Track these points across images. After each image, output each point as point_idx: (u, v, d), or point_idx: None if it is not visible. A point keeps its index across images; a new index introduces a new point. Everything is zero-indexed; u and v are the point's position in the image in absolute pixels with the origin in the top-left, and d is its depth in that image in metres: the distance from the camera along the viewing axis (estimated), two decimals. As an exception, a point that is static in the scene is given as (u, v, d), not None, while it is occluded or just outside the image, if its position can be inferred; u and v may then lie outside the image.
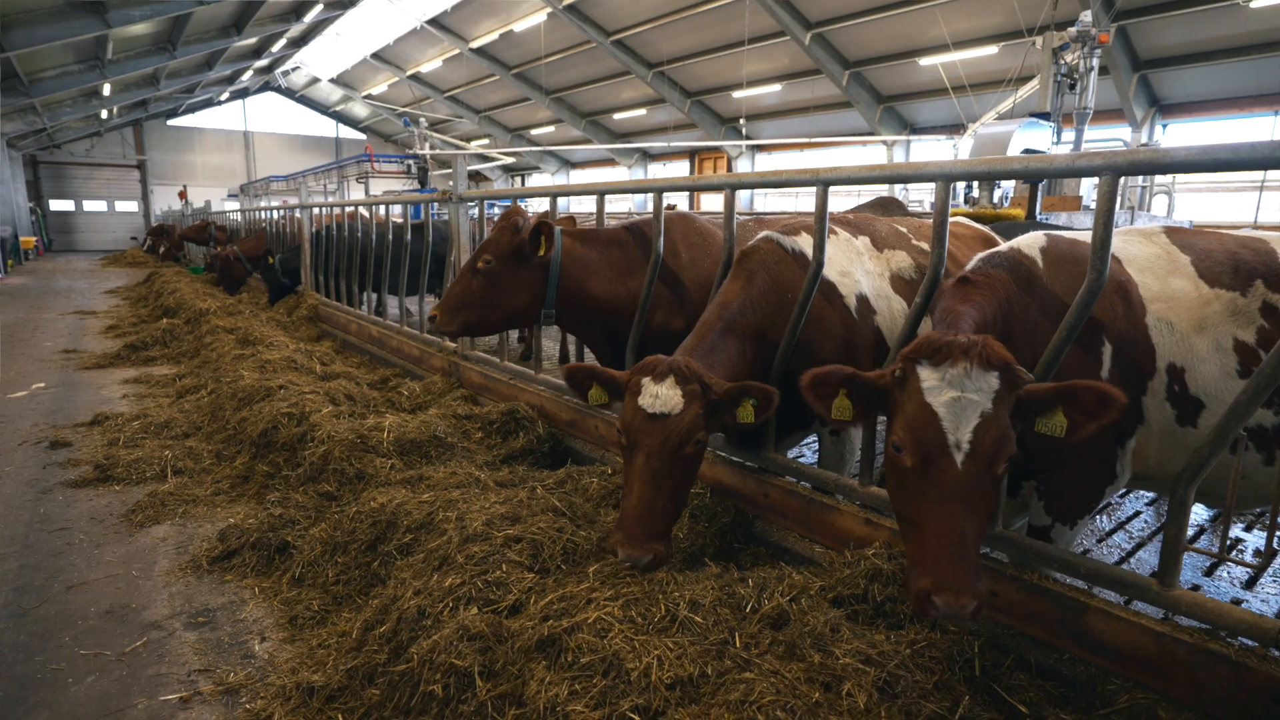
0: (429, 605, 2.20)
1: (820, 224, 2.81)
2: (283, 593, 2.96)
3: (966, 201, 10.17)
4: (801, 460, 3.62)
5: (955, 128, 20.13)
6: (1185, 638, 1.92)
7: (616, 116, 32.15)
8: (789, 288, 3.05)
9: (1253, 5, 13.54)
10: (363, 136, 45.80)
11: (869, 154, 25.61)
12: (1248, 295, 2.33)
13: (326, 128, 45.78)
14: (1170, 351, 2.30)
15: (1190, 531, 4.17)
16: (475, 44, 29.47)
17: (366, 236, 8.32)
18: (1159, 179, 13.26)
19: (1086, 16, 9.87)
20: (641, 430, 2.44)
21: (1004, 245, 2.49)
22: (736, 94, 26.09)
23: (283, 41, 29.72)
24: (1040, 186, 6.98)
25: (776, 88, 24.76)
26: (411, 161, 27.22)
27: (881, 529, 2.65)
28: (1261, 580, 3.56)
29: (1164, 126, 15.26)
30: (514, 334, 8.60)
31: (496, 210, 7.51)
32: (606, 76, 28.75)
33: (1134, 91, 16.30)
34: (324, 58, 36.59)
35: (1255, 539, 4.18)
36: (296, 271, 10.32)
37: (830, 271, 3.11)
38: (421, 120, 27.31)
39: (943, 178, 2.40)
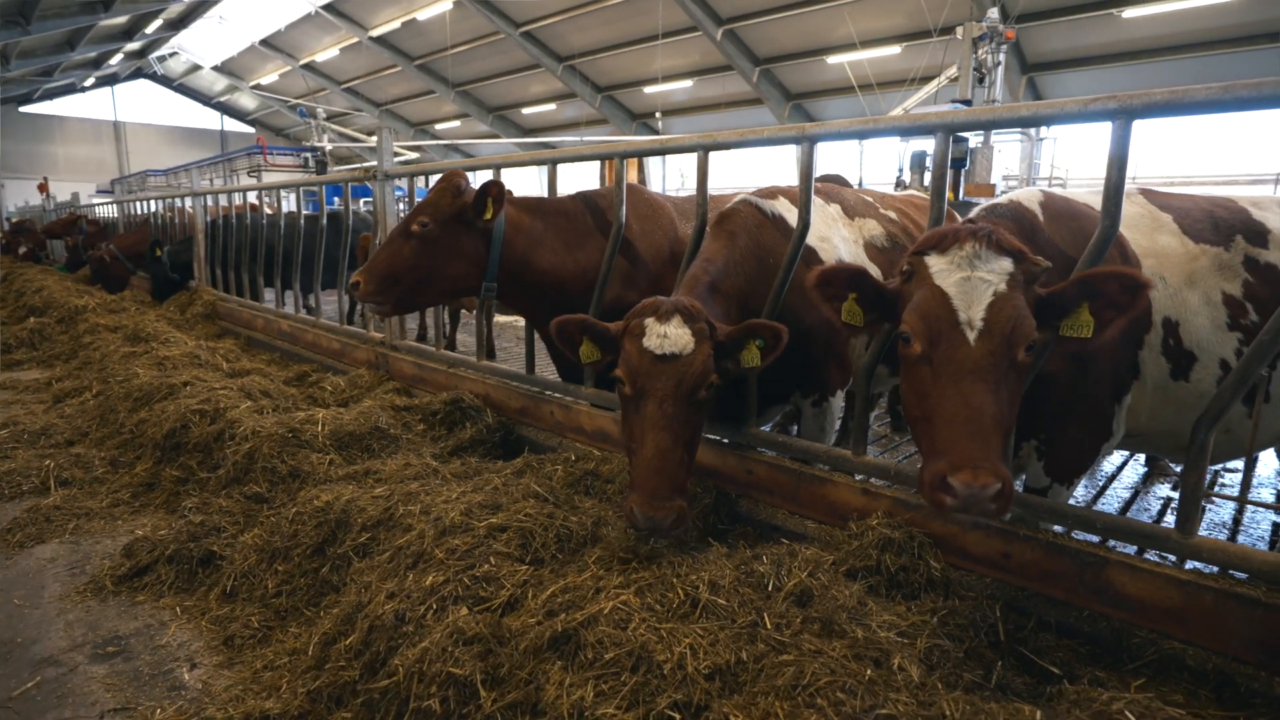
0: (408, 609, 1.90)
1: (806, 183, 2.68)
2: (212, 610, 2.55)
3: (897, 186, 10.49)
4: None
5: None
6: (1212, 584, 1.90)
7: (525, 111, 31.54)
8: (770, 252, 2.91)
9: (1125, 15, 14.78)
10: (251, 130, 42.87)
11: (778, 150, 26.26)
12: (1230, 250, 2.37)
13: (210, 120, 42.59)
14: (1165, 306, 2.30)
15: (1126, 495, 4.36)
16: (375, 32, 28.12)
17: (273, 227, 7.64)
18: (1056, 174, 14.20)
19: (994, 13, 10.46)
20: (650, 374, 2.20)
21: (1003, 198, 2.44)
22: (648, 89, 26.14)
23: (158, 23, 27.29)
24: (963, 173, 7.33)
25: (688, 84, 24.96)
26: (309, 155, 25.61)
27: (881, 498, 2.54)
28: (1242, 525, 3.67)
29: (1048, 125, 16.41)
30: (410, 320, 8.10)
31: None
32: (515, 69, 28.12)
33: (1023, 93, 17.46)
34: (206, 43, 33.98)
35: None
36: (188, 265, 9.39)
37: (811, 237, 2.99)
38: (319, 111, 25.77)
39: (944, 129, 2.32)
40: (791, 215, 3.04)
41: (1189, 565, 2.14)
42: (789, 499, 2.84)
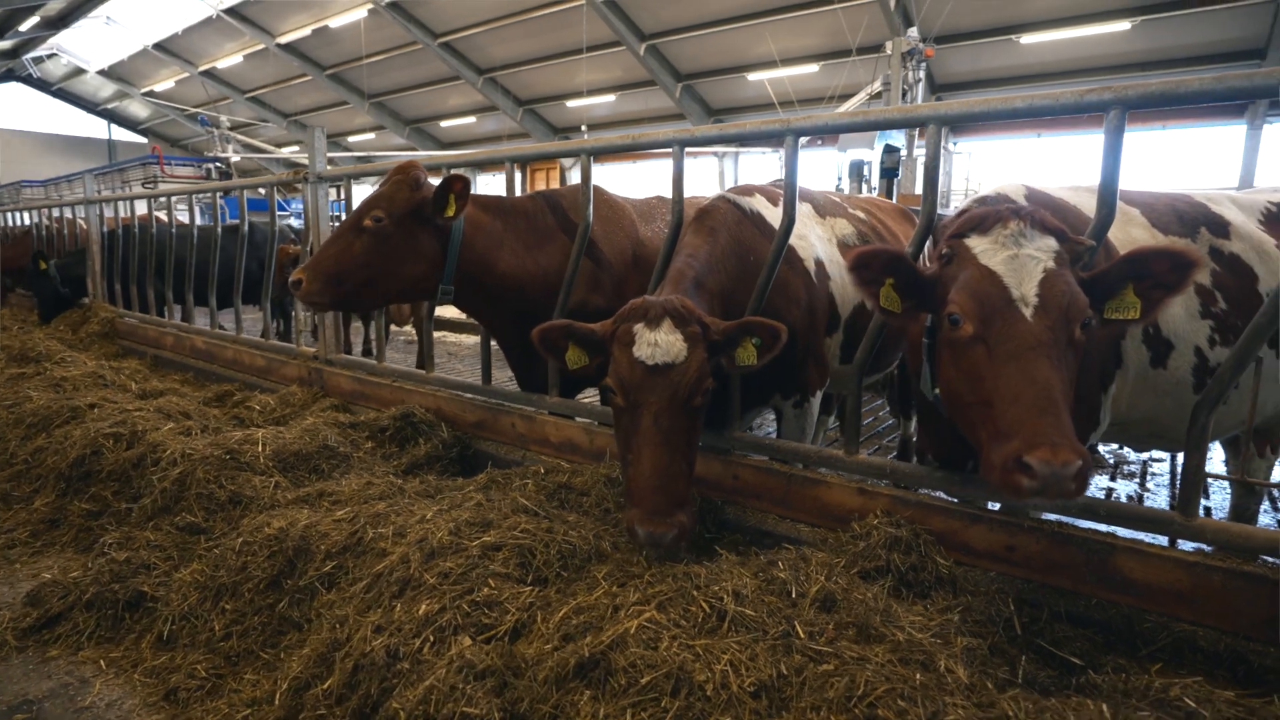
0: (400, 643, 1.68)
1: (791, 178, 2.62)
2: (146, 661, 2.21)
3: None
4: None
5: (780, 140, 21.49)
6: (1219, 564, 1.93)
7: (444, 124, 30.82)
8: (750, 249, 2.84)
9: (1024, 41, 15.88)
10: (143, 140, 40.05)
11: (700, 165, 26.68)
12: (1196, 241, 2.47)
13: (96, 128, 39.53)
14: (1144, 295, 2.36)
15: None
16: (284, 39, 26.84)
17: (183, 239, 7.05)
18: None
19: (914, 33, 11.00)
20: (644, 387, 2.10)
21: (990, 191, 2.45)
22: (571, 103, 26.05)
23: (34, 20, 25.10)
24: (895, 182, 7.61)
25: (611, 98, 25.04)
26: (212, 166, 24.08)
27: (878, 497, 2.48)
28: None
29: (955, 143, 17.43)
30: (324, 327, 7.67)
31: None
32: (433, 81, 27.45)
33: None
34: (90, 45, 31.55)
35: (1126, 486, 4.65)
36: (80, 280, 8.55)
37: (789, 234, 2.94)
38: (223, 120, 24.30)
39: (936, 120, 2.30)
40: (769, 213, 2.99)
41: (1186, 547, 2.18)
42: (779, 503, 2.75)
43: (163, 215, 7.39)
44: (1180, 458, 4.49)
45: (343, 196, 5.05)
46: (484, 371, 3.93)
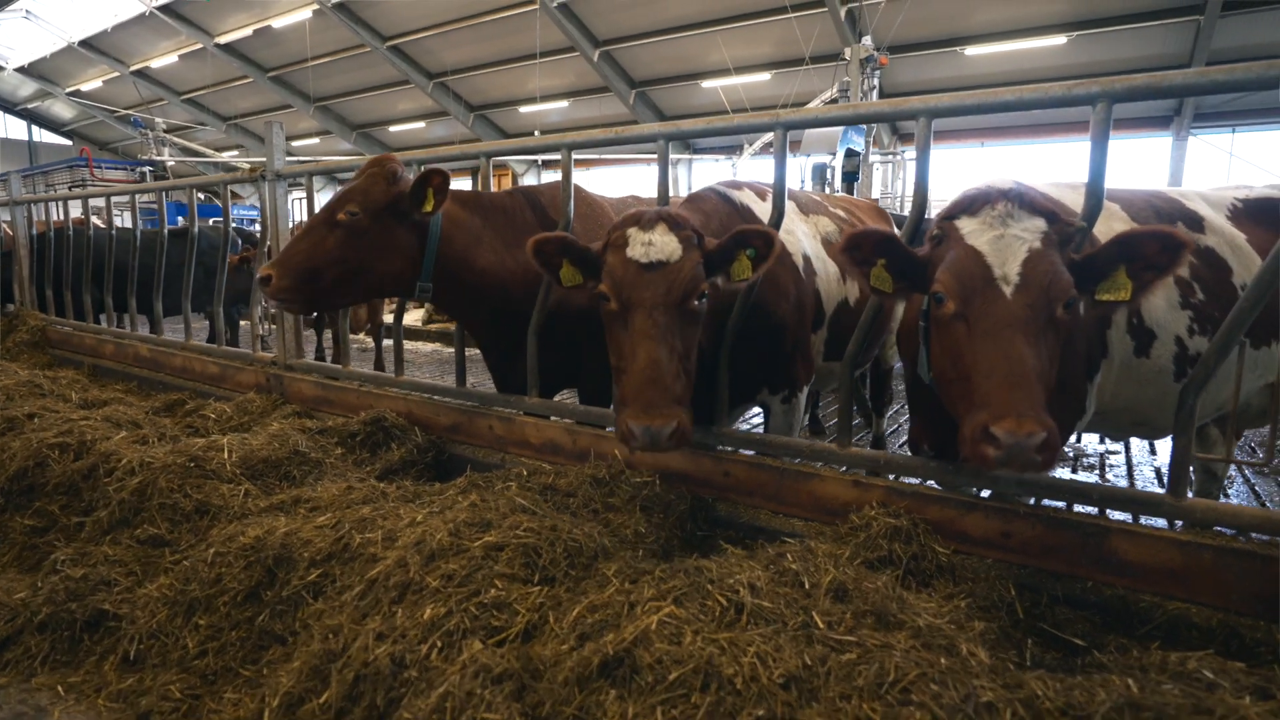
0: (405, 650, 1.58)
1: (781, 170, 2.62)
2: (111, 685, 2.04)
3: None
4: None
5: (734, 149, 21.79)
6: (1210, 542, 1.98)
7: (392, 129, 30.25)
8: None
9: (967, 53, 16.50)
10: (67, 142, 38.08)
11: (653, 172, 26.79)
12: None
13: (15, 129, 37.46)
14: (1129, 287, 2.43)
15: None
16: (223, 39, 25.93)
17: (124, 242, 6.69)
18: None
19: (868, 41, 11.31)
20: (636, 284, 2.10)
21: (981, 185, 2.49)
22: (523, 109, 25.89)
23: (-54, 14, 23.67)
24: (855, 187, 7.78)
25: (564, 104, 24.98)
26: (147, 170, 23.01)
27: (873, 489, 2.49)
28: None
29: (901, 153, 17.97)
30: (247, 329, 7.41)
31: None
32: (382, 85, 26.92)
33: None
34: (7, 40, 29.85)
35: (1087, 477, 4.80)
36: (5, 286, 8.03)
37: (776, 229, 2.94)
38: (158, 122, 23.28)
39: (926, 114, 2.33)
40: (757, 206, 2.98)
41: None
42: (771, 498, 2.74)
43: (98, 219, 7.00)
44: (1134, 448, 4.64)
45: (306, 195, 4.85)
46: (458, 373, 3.82)
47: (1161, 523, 2.28)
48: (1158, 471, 4.89)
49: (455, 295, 3.34)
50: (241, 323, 9.97)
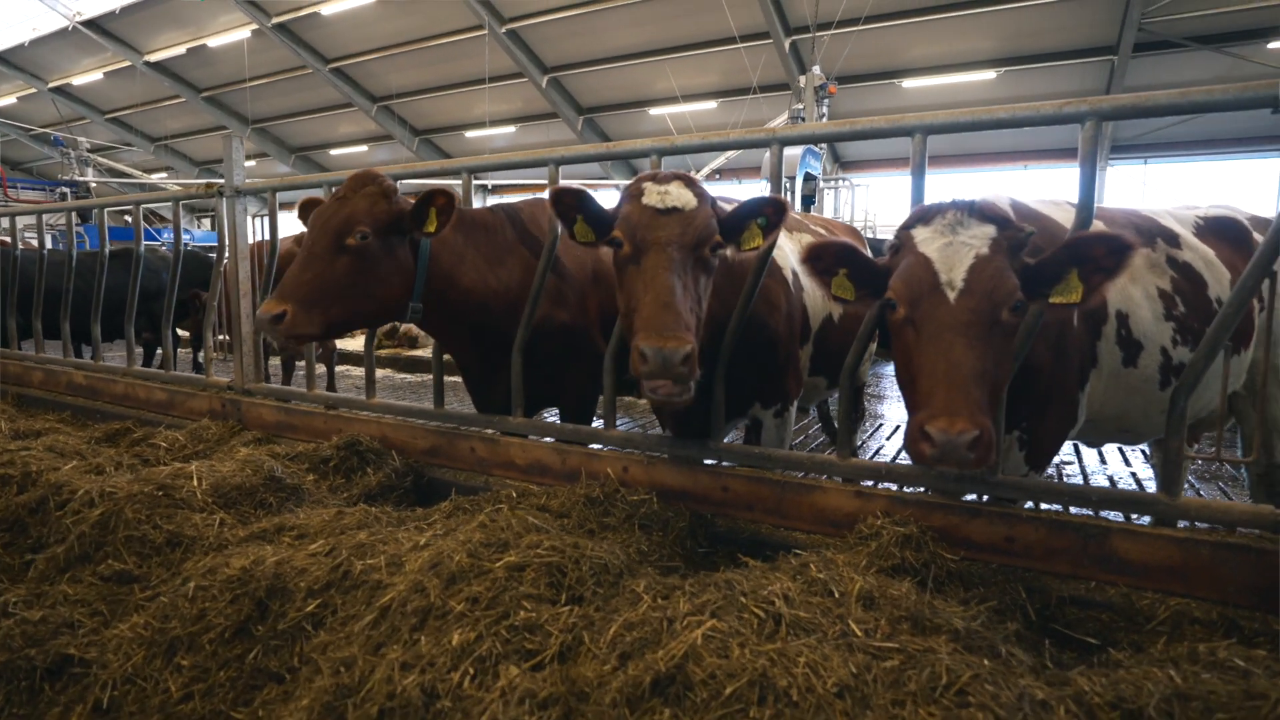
0: (435, 680, 1.49)
1: (776, 185, 2.66)
2: (82, 736, 1.86)
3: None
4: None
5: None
6: (1206, 538, 2.06)
7: (334, 153, 29.60)
8: (727, 259, 2.84)
9: (905, 85, 17.32)
10: (-25, 161, 35.82)
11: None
12: (1155, 250, 2.70)
13: (-84, 146, 34.94)
14: (1116, 300, 2.55)
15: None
16: (153, 58, 24.98)
17: (56, 265, 6.30)
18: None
19: (817, 70, 11.73)
20: (651, 225, 2.12)
21: (979, 199, 2.58)
22: (470, 134, 25.74)
23: None
24: (812, 210, 7.96)
25: (511, 129, 24.97)
26: (68, 191, 21.81)
27: (876, 499, 2.50)
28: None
29: (845, 179, 18.62)
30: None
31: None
32: (323, 107, 26.37)
33: (825, 149, 19.68)
34: (-88, 55, 28.05)
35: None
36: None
37: (765, 244, 2.97)
38: (81, 141, 22.14)
39: (921, 130, 2.40)
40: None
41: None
42: (772, 512, 2.73)
43: (27, 239, 6.56)
44: (1086, 457, 4.81)
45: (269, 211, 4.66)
46: (436, 394, 3.70)
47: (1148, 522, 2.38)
48: (1111, 479, 5.11)
49: (438, 314, 3.24)
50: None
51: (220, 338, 7.91)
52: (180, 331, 10.31)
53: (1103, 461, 5.52)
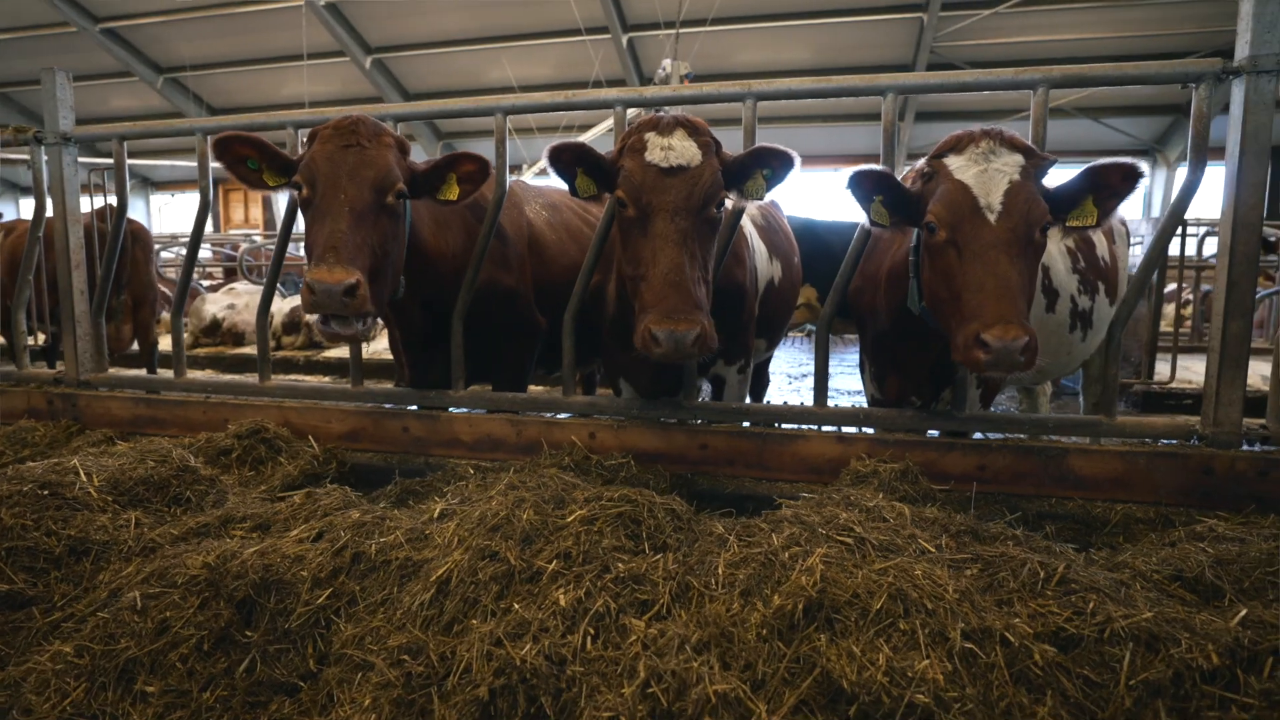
0: (553, 645, 1.32)
1: (750, 141, 2.67)
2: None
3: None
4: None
5: (514, 167, 21.67)
6: (1143, 450, 2.40)
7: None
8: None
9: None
10: None
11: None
12: None
13: None
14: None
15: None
16: None
17: None
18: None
19: (668, 64, 12.01)
20: (657, 189, 2.07)
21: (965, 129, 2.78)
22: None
23: None
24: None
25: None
26: None
27: (857, 442, 2.62)
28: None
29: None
30: None
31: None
32: (94, 75, 22.40)
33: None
34: None
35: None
36: None
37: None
38: None
39: (894, 90, 2.54)
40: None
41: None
42: (754, 465, 2.75)
43: None
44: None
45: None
46: (353, 370, 3.30)
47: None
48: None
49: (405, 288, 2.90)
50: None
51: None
52: None
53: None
